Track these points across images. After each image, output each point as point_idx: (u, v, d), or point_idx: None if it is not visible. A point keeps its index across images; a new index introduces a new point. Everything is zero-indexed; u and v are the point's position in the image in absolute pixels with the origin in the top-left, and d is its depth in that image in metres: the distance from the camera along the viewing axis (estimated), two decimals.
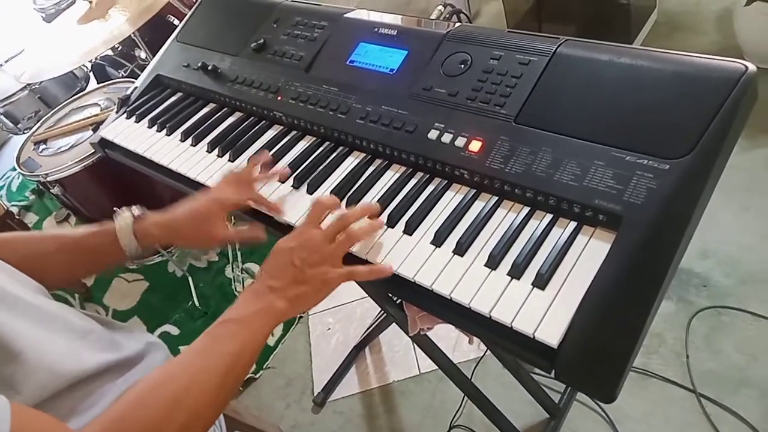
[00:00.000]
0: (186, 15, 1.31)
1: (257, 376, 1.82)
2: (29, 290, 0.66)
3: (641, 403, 1.41)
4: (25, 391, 0.57)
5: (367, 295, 1.19)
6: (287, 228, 0.83)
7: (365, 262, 0.74)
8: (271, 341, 1.89)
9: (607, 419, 1.40)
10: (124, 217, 0.83)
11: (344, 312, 1.92)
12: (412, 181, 0.82)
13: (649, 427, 1.37)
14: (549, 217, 0.70)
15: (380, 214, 0.78)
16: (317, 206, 0.75)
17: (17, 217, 2.30)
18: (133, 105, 1.20)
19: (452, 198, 0.78)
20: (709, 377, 1.40)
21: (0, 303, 0.59)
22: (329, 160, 0.90)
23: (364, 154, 0.89)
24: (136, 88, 1.24)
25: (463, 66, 0.85)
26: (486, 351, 1.58)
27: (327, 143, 0.94)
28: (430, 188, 0.80)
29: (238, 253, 2.19)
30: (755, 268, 1.56)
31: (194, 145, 1.04)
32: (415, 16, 1.02)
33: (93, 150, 1.52)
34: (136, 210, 0.84)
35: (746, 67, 0.65)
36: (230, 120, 1.07)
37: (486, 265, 0.68)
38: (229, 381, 0.62)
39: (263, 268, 0.71)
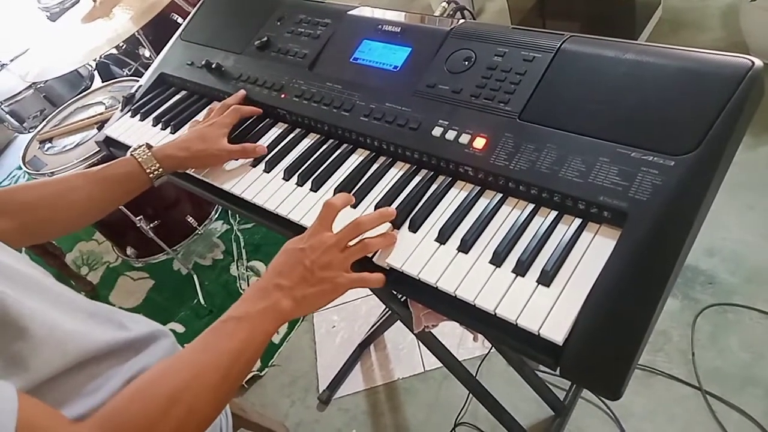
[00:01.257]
0: (190, 13, 1.31)
1: (262, 373, 1.83)
2: (38, 272, 0.67)
3: (646, 401, 1.40)
4: (33, 367, 0.57)
5: (371, 292, 1.19)
6: (295, 226, 0.83)
7: (368, 259, 0.74)
8: (276, 339, 1.89)
9: (612, 416, 1.40)
10: (140, 148, 0.92)
11: (349, 310, 1.92)
12: (416, 179, 0.82)
13: (654, 424, 1.37)
14: (554, 214, 0.70)
15: (396, 218, 0.76)
16: (328, 208, 0.74)
17: None
18: (138, 103, 1.20)
19: (456, 195, 0.78)
20: (714, 375, 1.40)
21: (10, 281, 0.59)
22: (333, 157, 0.90)
23: (367, 152, 0.89)
24: (140, 86, 1.25)
25: (467, 63, 0.84)
26: (491, 348, 1.58)
27: (331, 141, 0.94)
28: (434, 185, 0.80)
29: (243, 252, 2.19)
30: (761, 265, 1.55)
31: None
32: (418, 12, 1.02)
33: (98, 148, 1.53)
34: (146, 143, 0.94)
35: (752, 63, 0.64)
36: None
37: (490, 263, 0.68)
38: (231, 378, 0.62)
39: (271, 265, 0.71)
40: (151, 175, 0.91)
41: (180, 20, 2.23)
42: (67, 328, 0.62)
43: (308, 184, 0.88)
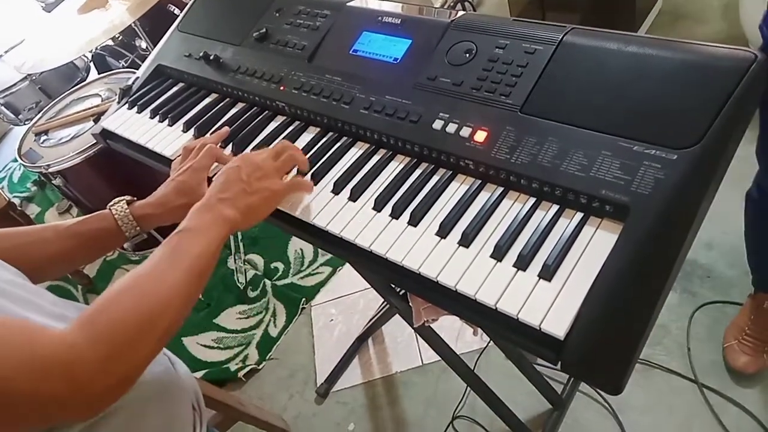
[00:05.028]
0: (187, 4, 1.30)
1: (260, 367, 1.83)
2: (9, 273, 0.66)
3: (644, 394, 1.41)
4: None
5: (370, 286, 1.19)
6: (293, 219, 0.83)
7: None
8: (274, 332, 1.89)
9: (610, 410, 1.41)
10: (119, 204, 0.87)
11: (347, 303, 1.92)
12: (417, 172, 0.82)
13: (652, 417, 1.37)
14: (555, 207, 0.69)
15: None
16: (284, 145, 0.83)
17: (19, 208, 2.30)
18: (135, 95, 1.19)
19: (457, 189, 0.77)
20: (712, 368, 1.41)
21: None
22: (333, 150, 0.90)
23: (368, 145, 0.89)
24: (137, 78, 1.23)
25: (468, 55, 0.84)
26: (489, 342, 1.58)
27: (330, 134, 0.93)
28: (435, 179, 0.80)
29: (240, 245, 2.19)
30: None
31: (197, 137, 1.04)
32: (418, 4, 1.01)
33: (94, 141, 1.52)
34: (126, 198, 0.88)
35: (756, 56, 0.64)
36: (233, 111, 1.06)
37: (491, 257, 0.67)
38: (192, 278, 0.66)
39: (212, 185, 0.76)
40: (126, 234, 0.86)
41: (177, 11, 2.22)
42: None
43: (307, 178, 0.87)
